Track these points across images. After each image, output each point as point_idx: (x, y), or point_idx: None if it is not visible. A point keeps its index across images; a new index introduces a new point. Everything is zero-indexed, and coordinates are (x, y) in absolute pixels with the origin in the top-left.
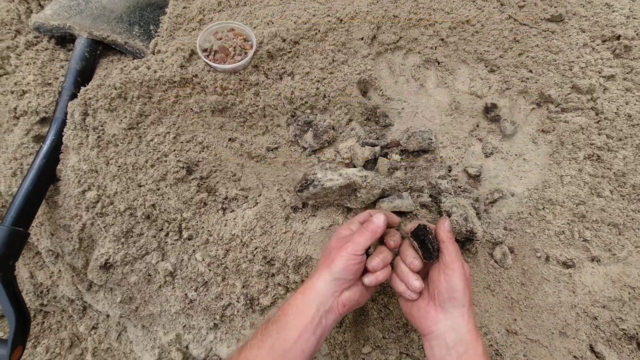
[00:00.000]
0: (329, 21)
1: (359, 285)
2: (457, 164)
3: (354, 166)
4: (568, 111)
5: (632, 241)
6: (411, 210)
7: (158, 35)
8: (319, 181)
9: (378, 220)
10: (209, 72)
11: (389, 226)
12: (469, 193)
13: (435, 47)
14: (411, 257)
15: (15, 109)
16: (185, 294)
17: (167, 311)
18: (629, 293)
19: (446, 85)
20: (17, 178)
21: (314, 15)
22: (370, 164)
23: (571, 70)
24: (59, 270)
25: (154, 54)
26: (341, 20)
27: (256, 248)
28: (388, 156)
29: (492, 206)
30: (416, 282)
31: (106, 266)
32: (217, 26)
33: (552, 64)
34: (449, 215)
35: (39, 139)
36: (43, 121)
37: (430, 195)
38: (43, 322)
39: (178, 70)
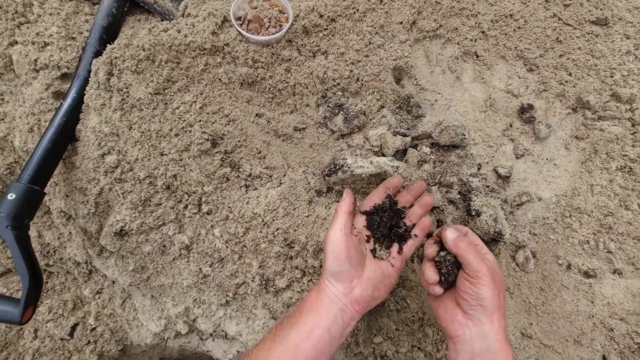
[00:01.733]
0: (369, 0)
1: (372, 279)
2: (487, 162)
3: (384, 155)
4: (605, 119)
5: None
6: (438, 206)
7: None
8: (349, 167)
9: (347, 194)
10: (241, 42)
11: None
12: (498, 193)
13: (475, 40)
14: (429, 271)
15: (35, 61)
16: (200, 269)
17: (178, 284)
18: None
19: (483, 81)
20: (34, 134)
21: None
22: (399, 154)
23: (612, 77)
24: (70, 233)
25: (183, 17)
26: (381, 0)
27: (277, 229)
28: (418, 148)
29: (518, 209)
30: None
31: (121, 233)
32: None
33: (592, 68)
34: (479, 215)
35: (59, 95)
36: (64, 77)
37: (460, 192)
38: (47, 282)
39: (209, 37)
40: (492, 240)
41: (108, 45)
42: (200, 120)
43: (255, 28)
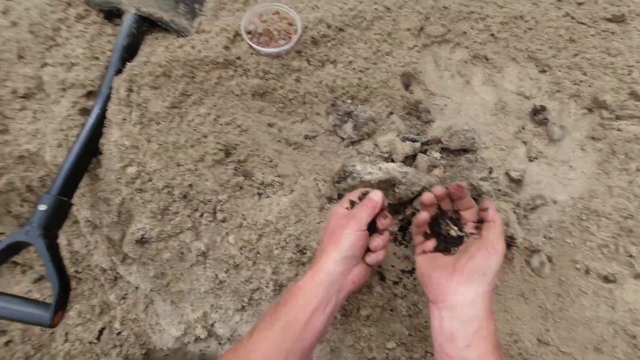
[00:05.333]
0: (376, 9)
1: (363, 262)
2: (499, 166)
3: (393, 161)
4: (623, 119)
5: None
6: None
7: (202, 14)
8: (358, 174)
9: (376, 196)
10: (252, 55)
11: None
12: (510, 197)
13: (485, 43)
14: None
15: (63, 81)
16: (216, 275)
17: (196, 289)
18: None
19: (493, 84)
20: (63, 149)
21: (360, 2)
22: (409, 159)
23: (630, 75)
24: (96, 241)
25: (197, 33)
26: (389, 8)
27: (289, 236)
28: (428, 153)
29: (532, 212)
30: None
31: (142, 241)
32: (262, 8)
33: (609, 67)
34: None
35: (85, 111)
36: (89, 94)
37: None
38: (76, 288)
39: (222, 51)
40: (506, 245)
41: (128, 63)
42: (214, 131)
43: (265, 41)
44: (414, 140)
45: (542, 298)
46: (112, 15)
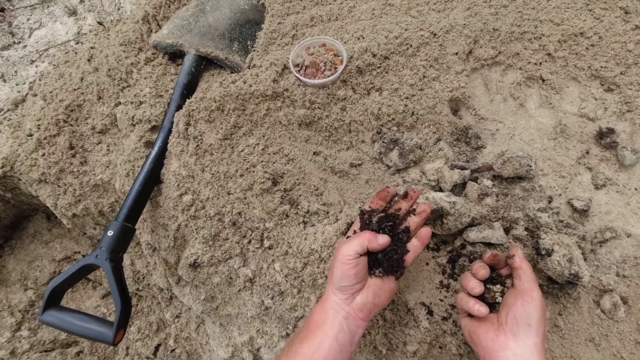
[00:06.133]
0: (422, 35)
1: (371, 287)
2: (560, 195)
3: (441, 189)
4: None
5: None
6: (502, 243)
7: (254, 50)
8: None
9: (383, 239)
10: (299, 86)
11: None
12: (573, 229)
13: (540, 63)
14: (474, 282)
15: (133, 117)
16: (262, 301)
17: (243, 314)
18: None
19: (551, 106)
20: (130, 178)
21: (406, 30)
22: (458, 188)
23: None
24: (155, 262)
25: (249, 68)
26: (435, 34)
27: None
28: (478, 181)
29: (601, 246)
30: (481, 308)
31: (194, 265)
32: (309, 41)
33: None
34: (549, 255)
35: (149, 144)
36: (153, 129)
37: (527, 229)
38: (137, 305)
39: (271, 84)
40: (568, 283)
41: (187, 99)
42: (262, 161)
43: (312, 72)
44: (463, 168)
45: (617, 345)
46: (176, 56)
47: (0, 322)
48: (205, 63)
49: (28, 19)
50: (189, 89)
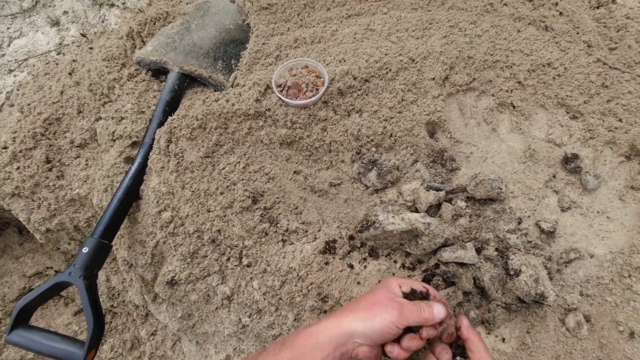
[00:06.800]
0: (401, 60)
1: (379, 348)
2: (529, 216)
3: (417, 210)
4: None
5: None
6: (474, 263)
7: (238, 69)
8: (380, 223)
9: (438, 313)
10: (281, 106)
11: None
12: (541, 250)
13: (511, 90)
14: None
15: (113, 132)
16: (239, 319)
17: (220, 332)
18: None
19: (521, 131)
20: (108, 193)
21: (386, 54)
22: (433, 208)
23: None
24: (131, 279)
25: (232, 87)
26: (413, 60)
27: (311, 284)
28: (453, 202)
29: (566, 267)
30: None
31: (172, 282)
32: (292, 62)
33: None
34: (517, 275)
35: (129, 160)
36: (134, 145)
37: (497, 249)
38: (111, 322)
39: (253, 104)
40: (535, 302)
41: (169, 116)
42: (242, 179)
43: (294, 93)
44: (438, 189)
45: None
46: (159, 73)
47: None
48: (188, 81)
49: (8, 28)
50: (171, 106)
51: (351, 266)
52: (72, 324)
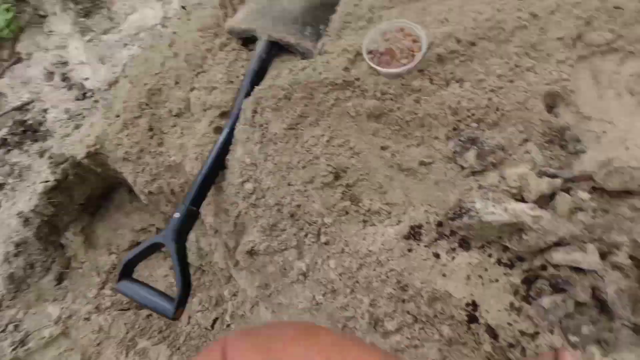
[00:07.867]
0: (519, 17)
1: None
2: None
3: (523, 199)
4: None
5: None
6: (595, 270)
7: (327, 35)
8: (477, 212)
9: None
10: (371, 75)
11: None
12: None
13: None
14: None
15: (205, 102)
16: (313, 296)
17: (294, 305)
18: None
19: None
20: (198, 162)
21: (499, 11)
22: (545, 199)
23: None
24: (216, 243)
25: (320, 54)
26: (536, 15)
27: (391, 270)
28: (572, 192)
29: None
30: None
31: (251, 252)
32: (386, 26)
33: None
34: None
35: (218, 130)
36: (223, 115)
37: (631, 257)
38: (199, 279)
39: (341, 72)
40: None
41: (256, 86)
42: (325, 153)
43: (386, 60)
44: (554, 176)
45: None
46: (249, 41)
47: (89, 280)
48: (277, 49)
49: (124, 4)
50: (259, 75)
51: (437, 255)
52: (169, 276)
